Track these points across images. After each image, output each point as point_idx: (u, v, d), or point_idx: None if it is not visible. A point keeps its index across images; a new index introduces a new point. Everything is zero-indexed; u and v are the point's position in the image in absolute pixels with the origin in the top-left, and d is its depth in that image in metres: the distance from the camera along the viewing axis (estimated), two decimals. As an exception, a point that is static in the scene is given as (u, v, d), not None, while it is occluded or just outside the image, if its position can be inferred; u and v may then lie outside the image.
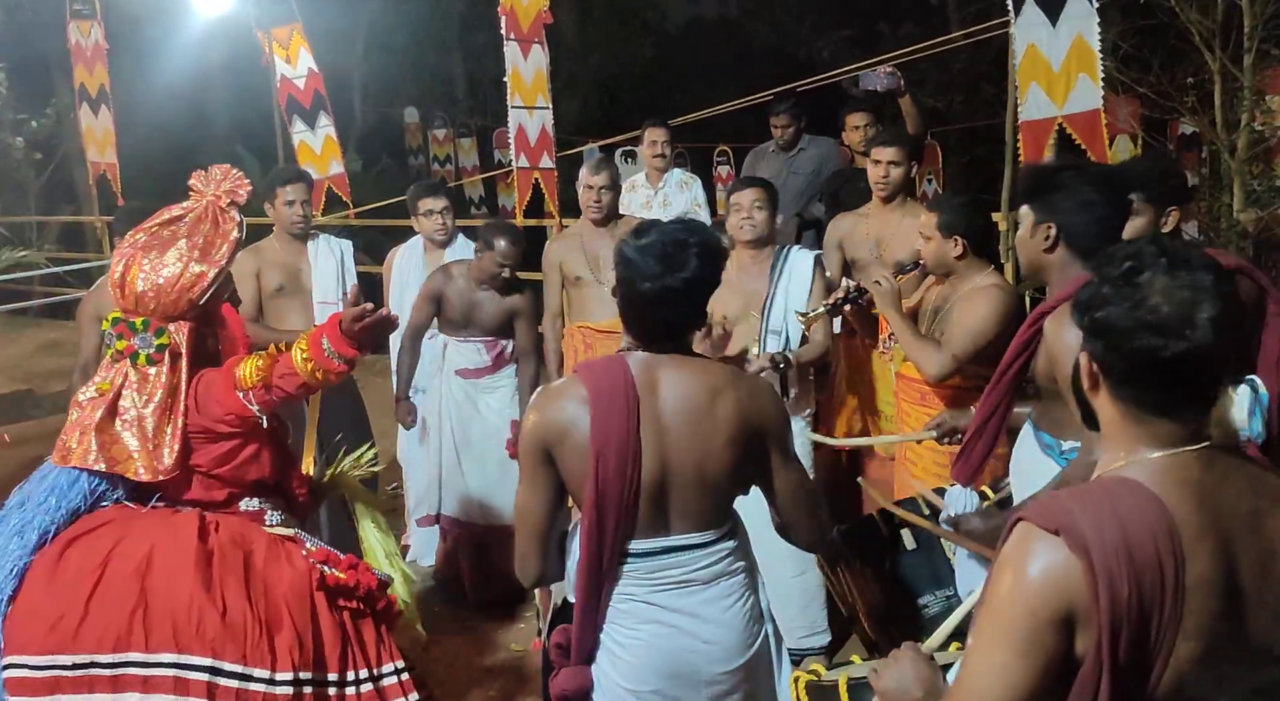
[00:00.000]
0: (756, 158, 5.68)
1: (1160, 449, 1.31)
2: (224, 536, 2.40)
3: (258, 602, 2.33)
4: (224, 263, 2.45)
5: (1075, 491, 1.34)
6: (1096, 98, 4.29)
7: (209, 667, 2.26)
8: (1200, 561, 1.26)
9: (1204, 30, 4.77)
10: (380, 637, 2.49)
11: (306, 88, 7.25)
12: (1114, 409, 1.34)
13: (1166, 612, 1.24)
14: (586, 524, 1.87)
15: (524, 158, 6.51)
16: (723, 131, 10.13)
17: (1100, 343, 1.31)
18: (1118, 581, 1.23)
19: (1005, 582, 1.29)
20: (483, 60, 13.15)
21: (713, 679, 1.94)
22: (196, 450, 2.44)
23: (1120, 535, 1.24)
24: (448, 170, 12.14)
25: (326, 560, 2.46)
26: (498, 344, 4.18)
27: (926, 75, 10.91)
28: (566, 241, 4.26)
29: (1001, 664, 1.26)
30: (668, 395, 1.89)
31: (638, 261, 1.88)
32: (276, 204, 4.21)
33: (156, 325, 2.42)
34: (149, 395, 2.41)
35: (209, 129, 12.05)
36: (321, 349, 2.36)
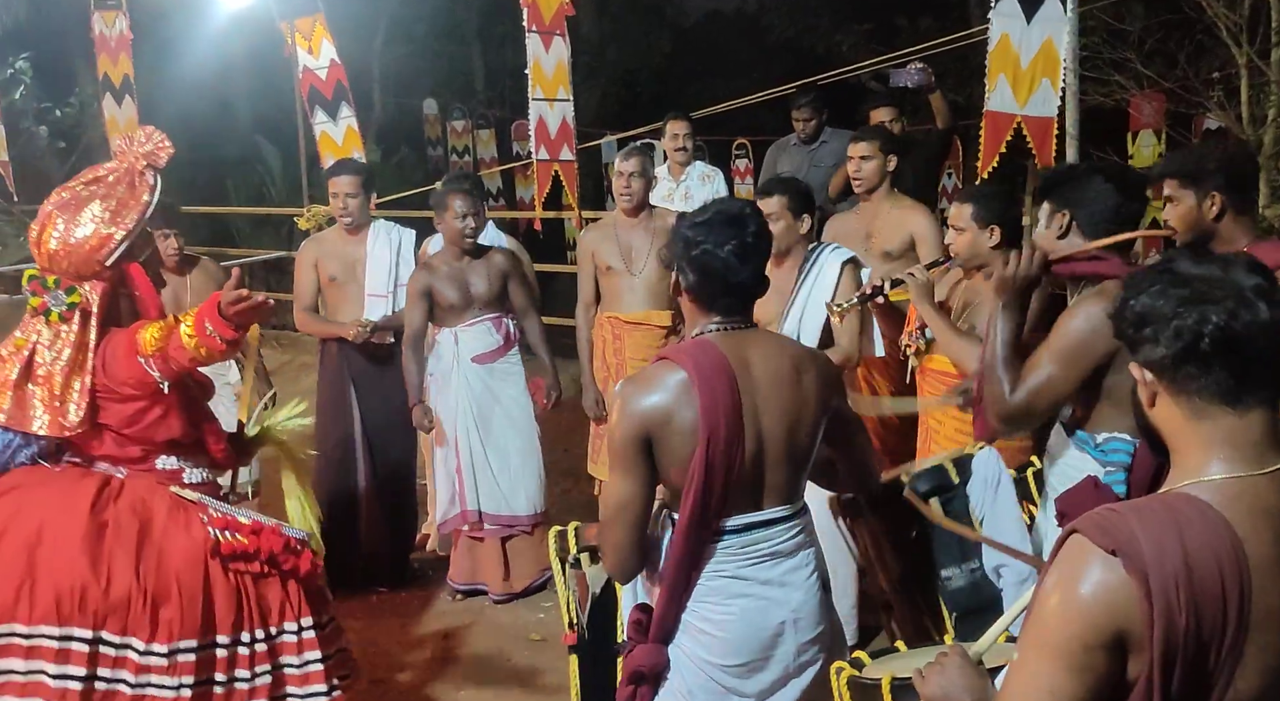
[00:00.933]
0: (778, 151, 5.68)
1: (1230, 458, 1.24)
2: (123, 505, 2.48)
3: (147, 576, 2.42)
4: (132, 226, 2.50)
5: (1137, 507, 1.27)
6: (1052, 106, 4.22)
7: (90, 638, 2.37)
8: (1270, 595, 1.19)
9: (1231, 24, 4.72)
10: (286, 597, 2.55)
11: (329, 78, 7.26)
12: (1175, 412, 1.27)
13: (1227, 645, 1.19)
14: (690, 505, 1.88)
15: (544, 150, 6.51)
16: (741, 125, 10.11)
17: (1146, 333, 1.26)
18: (1175, 610, 1.17)
19: (1056, 599, 1.23)
20: (502, 52, 13.15)
21: (799, 647, 1.99)
22: (104, 409, 2.50)
23: (1182, 560, 1.18)
24: (466, 162, 12.16)
25: (227, 526, 2.51)
26: (502, 321, 4.21)
27: (946, 69, 10.84)
28: (601, 231, 4.28)
29: (1049, 682, 1.21)
30: (759, 373, 1.94)
31: (707, 233, 1.95)
32: (330, 197, 4.33)
33: (68, 283, 2.48)
34: (58, 352, 2.47)
35: (231, 119, 12.09)
36: (204, 329, 2.41)
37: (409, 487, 4.54)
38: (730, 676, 1.96)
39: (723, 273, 1.95)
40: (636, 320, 4.08)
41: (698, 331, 2.02)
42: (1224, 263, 1.26)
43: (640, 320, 4.07)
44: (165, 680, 2.42)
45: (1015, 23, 4.31)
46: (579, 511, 4.55)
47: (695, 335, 2.02)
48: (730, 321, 2.00)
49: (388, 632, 4.01)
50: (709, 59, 13.98)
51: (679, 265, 2.01)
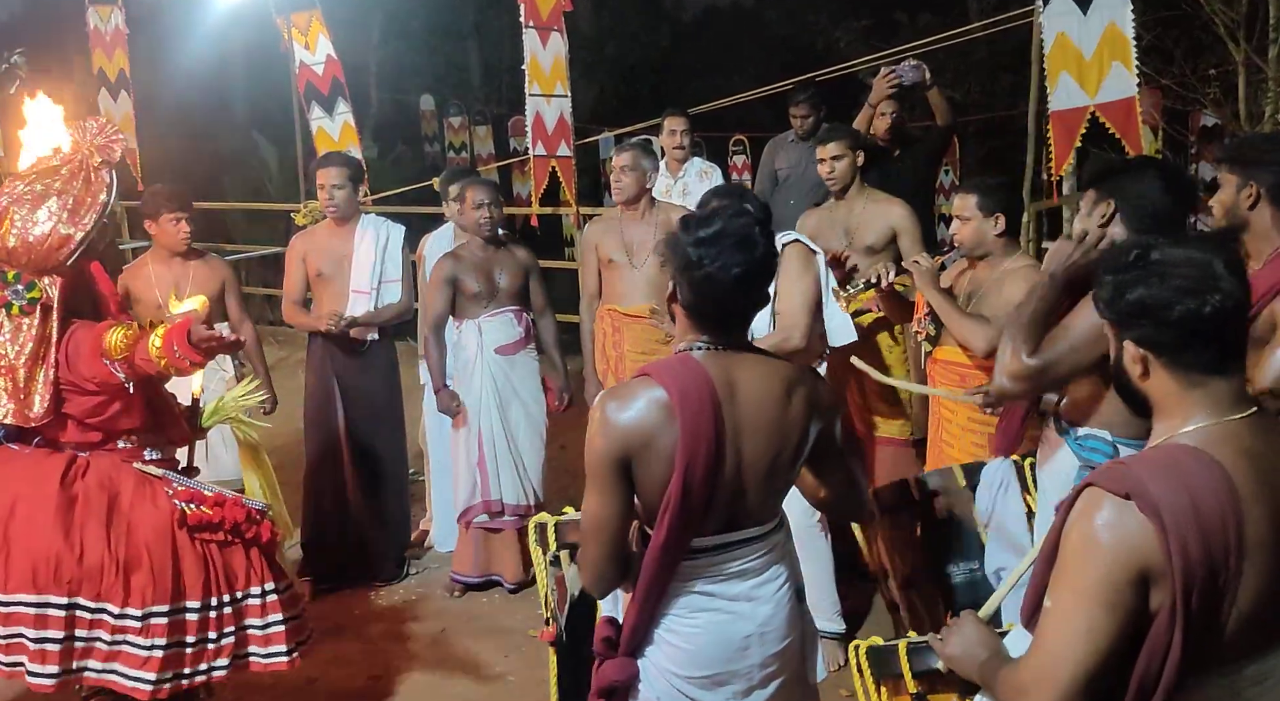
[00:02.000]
0: (776, 147, 5.67)
1: (1214, 414, 1.42)
2: (91, 481, 2.59)
3: (117, 545, 2.54)
4: (90, 226, 2.55)
5: (1140, 458, 1.46)
6: (1131, 86, 4.27)
7: (66, 604, 2.50)
8: (1259, 521, 1.37)
9: (1228, 21, 4.73)
10: (249, 564, 2.69)
11: (325, 74, 7.26)
12: (1170, 384, 1.44)
13: (1231, 569, 1.36)
14: (665, 528, 1.83)
15: (541, 146, 6.52)
16: (739, 121, 10.10)
17: (1145, 322, 1.42)
18: (1189, 541, 1.33)
19: (1081, 546, 1.39)
20: (498, 48, 13.15)
21: (764, 661, 1.95)
22: (68, 400, 2.60)
23: (1188, 499, 1.35)
24: (463, 158, 12.16)
25: (192, 499, 2.63)
26: (522, 314, 4.23)
27: (945, 65, 10.84)
28: (604, 224, 4.27)
29: (1086, 622, 1.36)
30: (745, 398, 1.86)
31: (713, 254, 1.81)
32: (316, 189, 4.30)
33: (28, 278, 2.55)
34: (21, 345, 2.55)
35: (227, 115, 12.08)
36: (172, 351, 2.48)
37: (400, 483, 4.53)
38: (695, 687, 1.94)
39: (723, 298, 1.86)
40: (636, 313, 4.07)
41: (684, 347, 1.93)
42: (1198, 245, 1.44)
43: (639, 313, 4.07)
44: (139, 640, 2.54)
45: (1071, 18, 4.33)
46: (577, 507, 4.55)
47: (682, 349, 1.93)
48: (721, 340, 1.91)
49: (385, 629, 4.00)
50: (707, 55, 13.97)
51: (678, 279, 1.90)
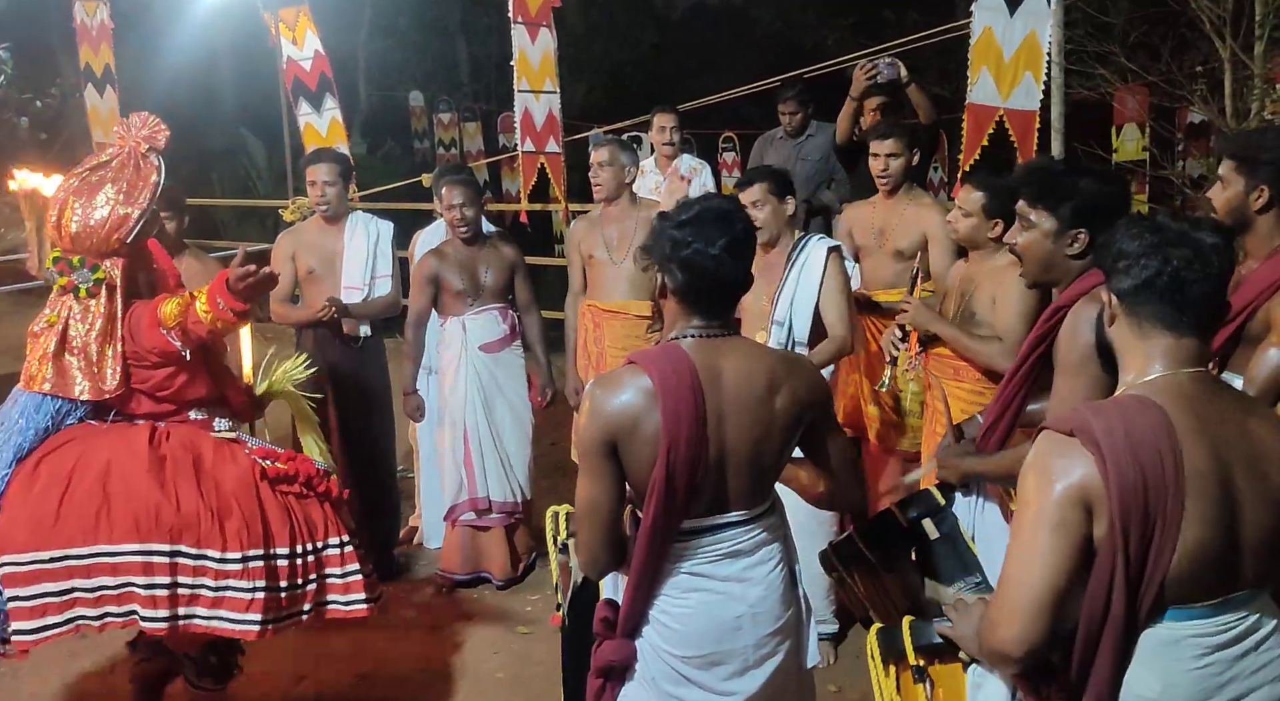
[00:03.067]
0: (764, 144, 5.68)
1: (1163, 368, 1.58)
2: (174, 443, 2.77)
3: (209, 496, 2.70)
4: (146, 204, 2.74)
5: (1089, 405, 1.65)
6: (1035, 100, 4.24)
7: (169, 551, 2.65)
8: (1196, 455, 1.51)
9: (1215, 18, 4.75)
10: (325, 516, 2.87)
11: (313, 70, 7.22)
12: (1127, 332, 1.62)
13: (1170, 498, 1.48)
14: (652, 511, 1.88)
15: (530, 142, 6.51)
16: (727, 118, 10.09)
17: (1118, 269, 1.60)
18: (1125, 468, 1.48)
19: (1032, 479, 1.55)
20: (487, 44, 13.12)
21: (758, 641, 1.99)
22: (136, 374, 2.78)
23: (1124, 432, 1.50)
24: (452, 154, 12.12)
25: (267, 456, 2.83)
26: (508, 312, 4.23)
27: (931, 63, 10.86)
28: (588, 221, 4.28)
29: (1039, 546, 1.50)
30: (729, 384, 1.91)
31: (694, 233, 1.91)
32: (306, 185, 4.27)
33: (92, 262, 2.74)
34: (90, 324, 2.74)
35: (214, 110, 12.01)
36: (216, 304, 2.67)
37: (389, 480, 4.52)
38: (690, 667, 1.97)
39: (714, 272, 1.92)
40: (615, 309, 4.08)
41: (673, 336, 1.98)
42: (1194, 222, 1.60)
43: (619, 309, 4.07)
44: (242, 583, 2.69)
45: (998, 16, 4.31)
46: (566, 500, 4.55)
47: (670, 339, 1.98)
48: (709, 327, 1.96)
49: (374, 626, 3.99)
50: (695, 52, 13.95)
51: (664, 266, 1.96)
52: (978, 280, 3.13)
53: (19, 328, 9.16)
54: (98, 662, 3.72)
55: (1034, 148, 4.31)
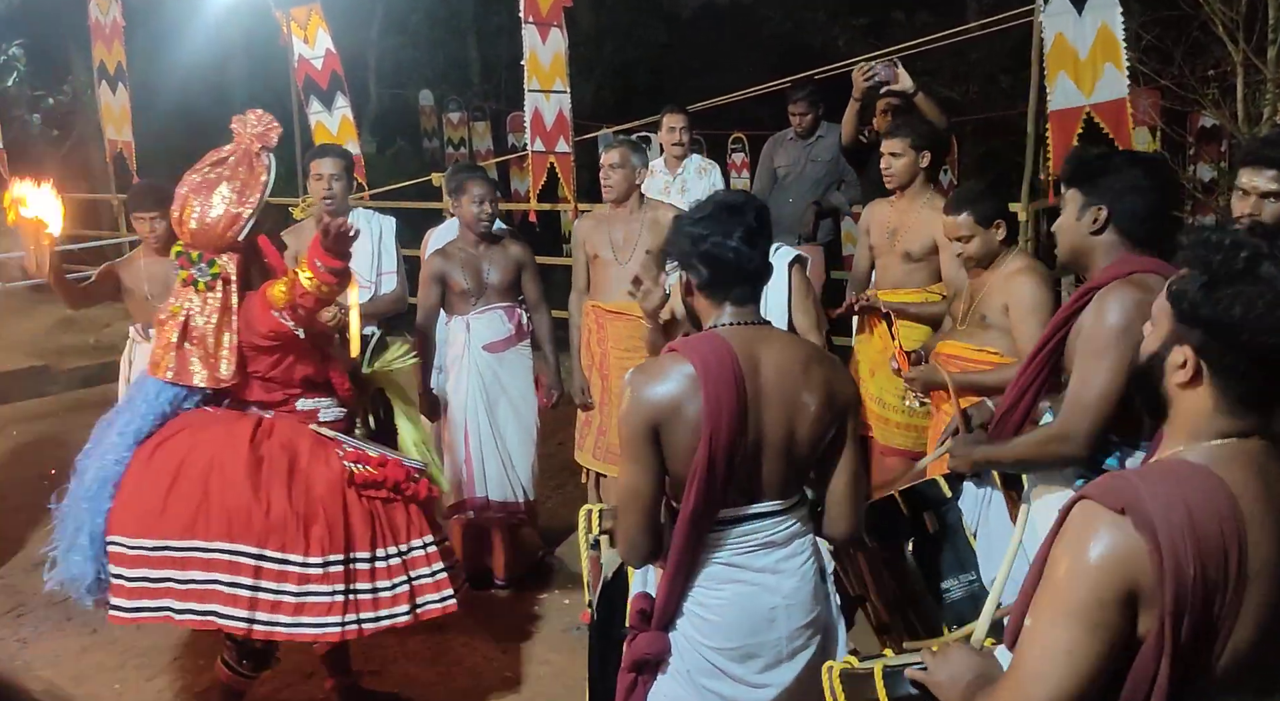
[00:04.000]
0: (775, 145, 5.68)
1: (1226, 431, 1.31)
2: (275, 443, 2.90)
3: (298, 500, 2.82)
4: (256, 204, 2.90)
5: (1139, 472, 1.34)
6: (1122, 87, 4.28)
7: (255, 554, 2.78)
8: (1264, 547, 1.26)
9: (1228, 21, 4.73)
10: (410, 519, 2.95)
11: (324, 68, 7.25)
12: (1207, 403, 1.33)
13: (1229, 596, 1.25)
14: (693, 497, 1.91)
15: (540, 142, 6.51)
16: (737, 119, 10.10)
17: (1221, 340, 1.29)
18: (1183, 563, 1.23)
19: (1068, 561, 1.28)
20: (497, 44, 13.13)
21: (791, 633, 2.02)
22: (250, 360, 2.94)
23: (1186, 516, 1.24)
24: (461, 153, 12.15)
25: (359, 460, 2.91)
26: (515, 311, 4.22)
27: (942, 64, 10.85)
28: (594, 220, 4.27)
29: (1067, 642, 1.26)
30: (767, 371, 1.96)
31: (713, 226, 1.97)
32: (310, 180, 4.24)
33: (209, 256, 2.90)
34: (208, 316, 2.91)
35: (225, 108, 11.94)
36: (316, 267, 2.81)
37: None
38: (724, 659, 2.00)
39: (734, 261, 1.97)
40: (618, 310, 4.07)
41: (711, 325, 2.03)
42: None
43: (622, 310, 4.07)
44: (322, 587, 2.80)
45: (1067, 18, 4.34)
46: (574, 504, 4.55)
47: (709, 328, 2.03)
48: (742, 316, 2.01)
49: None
50: (705, 53, 13.95)
51: (687, 264, 2.02)
52: (990, 285, 3.13)
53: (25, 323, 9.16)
54: (109, 657, 3.75)
55: (1130, 133, 4.31)
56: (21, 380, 7.54)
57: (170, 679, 3.59)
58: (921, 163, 3.84)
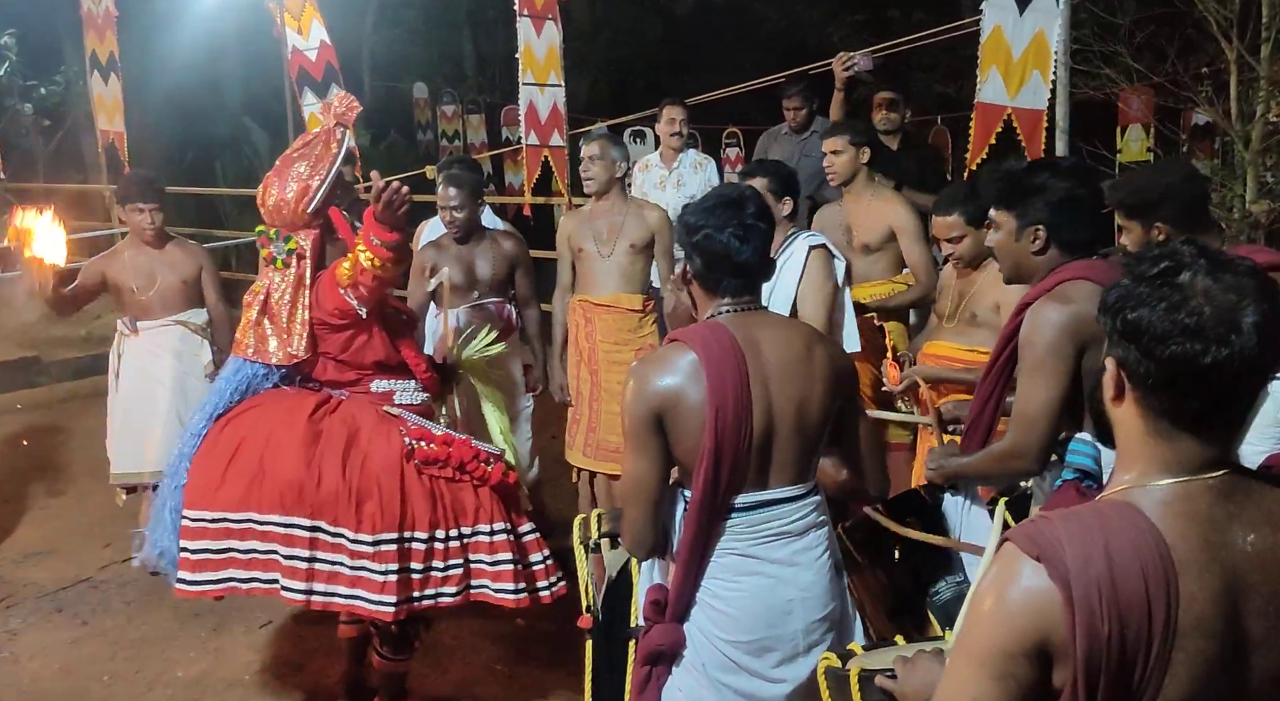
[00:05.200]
0: (769, 140, 5.68)
1: (1174, 473, 1.21)
2: (335, 417, 2.90)
3: (351, 475, 2.81)
4: (325, 173, 2.88)
5: (1068, 514, 1.23)
6: (1042, 99, 4.26)
7: (309, 526, 2.80)
8: (1200, 602, 1.15)
9: (1221, 19, 4.73)
10: (479, 502, 2.90)
11: (318, 60, 7.22)
12: (1138, 422, 1.23)
13: (1154, 654, 1.15)
14: (701, 482, 1.92)
15: (534, 135, 6.50)
16: (731, 114, 10.09)
17: (1133, 346, 1.19)
18: (1097, 617, 1.14)
19: (986, 604, 1.21)
20: (492, 36, 13.10)
21: (808, 627, 2.01)
22: (322, 339, 2.94)
23: (1106, 567, 1.15)
24: (456, 146, 12.11)
25: (422, 437, 2.88)
26: (504, 306, 4.22)
27: (938, 61, 10.85)
28: (578, 215, 4.28)
29: (974, 690, 1.19)
30: (768, 351, 1.98)
31: (708, 218, 2.02)
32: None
33: (285, 234, 2.92)
34: (283, 293, 2.93)
35: (218, 99, 11.99)
36: (371, 241, 2.76)
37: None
38: (741, 652, 1.99)
39: (725, 254, 2.00)
40: (606, 303, 4.08)
41: (709, 315, 2.06)
42: (1235, 280, 1.17)
43: (610, 302, 4.08)
44: (375, 565, 2.78)
45: (1008, 14, 4.33)
46: (568, 498, 4.55)
47: (706, 318, 2.06)
48: (739, 303, 2.04)
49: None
50: (701, 48, 13.93)
51: (687, 253, 2.06)
52: (980, 283, 3.14)
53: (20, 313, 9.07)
54: (99, 649, 3.74)
55: (1041, 147, 4.32)
56: (12, 371, 7.52)
57: (159, 670, 3.59)
58: (862, 158, 3.98)
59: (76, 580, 4.30)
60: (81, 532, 4.78)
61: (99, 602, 4.10)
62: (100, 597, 4.15)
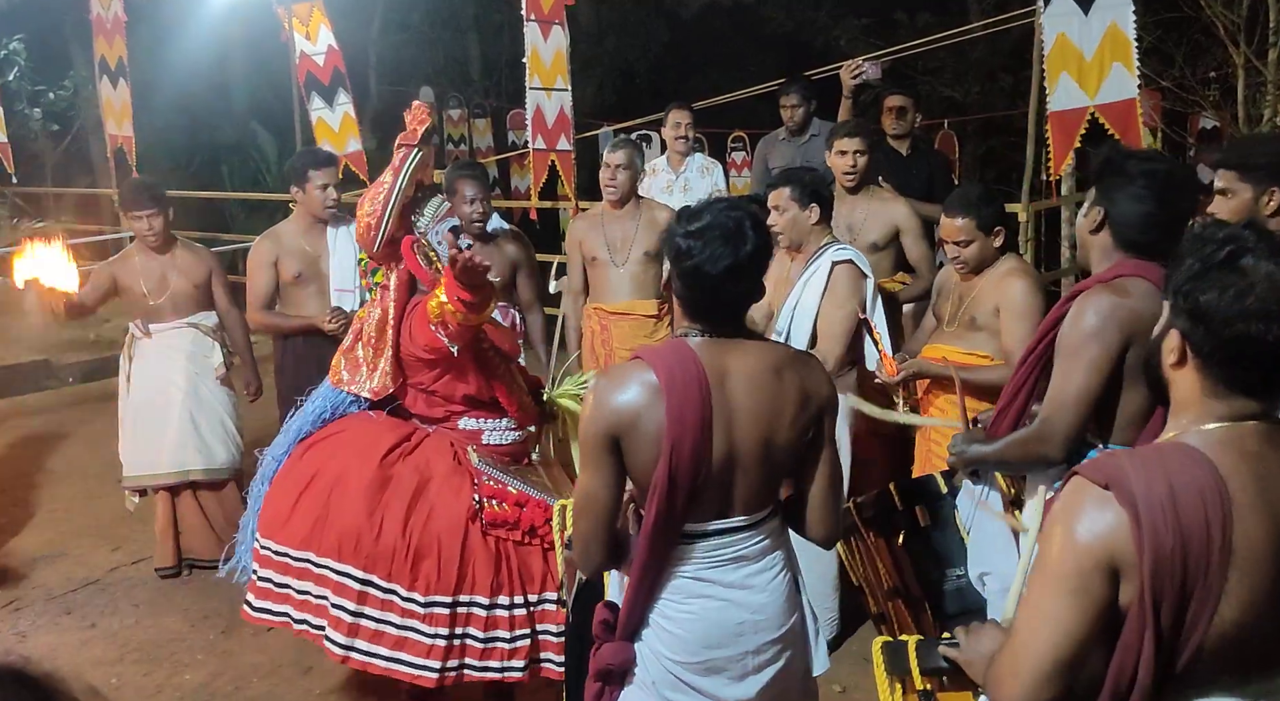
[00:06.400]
0: (767, 146, 5.64)
1: (1224, 421, 1.36)
2: (410, 463, 2.77)
3: (413, 530, 2.67)
4: (384, 205, 2.70)
5: (1129, 452, 1.41)
6: (1132, 87, 4.27)
7: (361, 579, 2.67)
8: (1251, 528, 1.29)
9: (1229, 24, 4.74)
10: (548, 568, 2.71)
11: (326, 65, 7.24)
12: (1195, 385, 1.38)
13: (1212, 572, 1.28)
14: (654, 509, 1.85)
15: (541, 139, 6.51)
16: (737, 118, 10.11)
17: (1200, 326, 1.34)
18: (1162, 534, 1.28)
19: (1056, 534, 1.35)
20: (498, 41, 13.12)
21: (758, 647, 1.96)
22: (413, 371, 2.83)
23: (1168, 491, 1.29)
24: (462, 150, 12.15)
25: (494, 495, 2.71)
26: (508, 311, 4.19)
27: (944, 64, 10.85)
28: (588, 221, 4.27)
29: (1053, 609, 1.33)
30: (736, 382, 1.87)
31: (700, 246, 1.85)
32: (308, 187, 4.13)
33: (373, 266, 2.86)
34: (373, 325, 2.86)
35: (226, 104, 12.03)
36: (451, 296, 2.62)
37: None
38: (689, 672, 1.95)
39: (713, 291, 1.89)
40: (621, 311, 4.08)
41: (681, 333, 1.96)
42: None
43: (625, 310, 4.08)
44: (424, 627, 2.63)
45: (1072, 19, 4.32)
46: (572, 500, 4.55)
47: (678, 335, 1.97)
48: (713, 328, 1.93)
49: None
50: (707, 51, 13.95)
51: (671, 267, 1.94)
52: (981, 287, 3.14)
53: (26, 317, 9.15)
54: (107, 651, 3.75)
55: (1140, 136, 4.30)
56: (23, 374, 7.55)
57: (168, 673, 3.60)
58: (871, 160, 4.01)
59: (85, 582, 4.31)
60: (90, 535, 4.80)
61: (107, 605, 4.12)
62: (109, 600, 4.16)
